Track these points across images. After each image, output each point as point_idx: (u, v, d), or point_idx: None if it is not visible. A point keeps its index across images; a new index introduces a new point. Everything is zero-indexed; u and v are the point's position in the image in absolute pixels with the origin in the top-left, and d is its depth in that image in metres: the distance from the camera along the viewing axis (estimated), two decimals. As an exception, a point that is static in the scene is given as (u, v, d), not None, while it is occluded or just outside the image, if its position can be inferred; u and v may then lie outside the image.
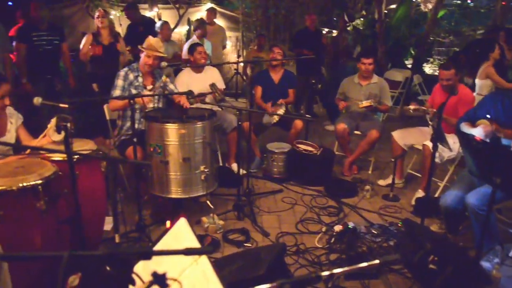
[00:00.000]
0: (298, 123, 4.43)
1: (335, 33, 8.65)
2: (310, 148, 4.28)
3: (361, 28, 9.44)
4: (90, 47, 4.69)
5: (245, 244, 3.06)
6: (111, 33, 4.83)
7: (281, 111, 4.28)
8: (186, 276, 1.10)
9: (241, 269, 2.22)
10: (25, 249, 2.15)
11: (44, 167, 2.30)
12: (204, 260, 1.10)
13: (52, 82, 4.74)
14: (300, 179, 4.22)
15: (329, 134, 5.87)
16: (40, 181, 2.17)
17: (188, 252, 0.87)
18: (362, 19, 9.53)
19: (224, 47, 7.49)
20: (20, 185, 2.12)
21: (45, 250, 2.23)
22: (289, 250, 2.93)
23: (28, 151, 2.67)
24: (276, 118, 4.31)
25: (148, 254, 0.80)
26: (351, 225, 3.13)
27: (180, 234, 1.28)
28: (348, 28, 8.51)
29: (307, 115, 5.72)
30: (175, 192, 3.21)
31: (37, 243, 2.21)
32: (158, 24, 5.72)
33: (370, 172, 4.49)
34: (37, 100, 2.39)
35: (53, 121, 2.44)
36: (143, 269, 0.99)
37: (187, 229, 1.29)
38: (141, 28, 5.57)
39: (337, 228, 3.16)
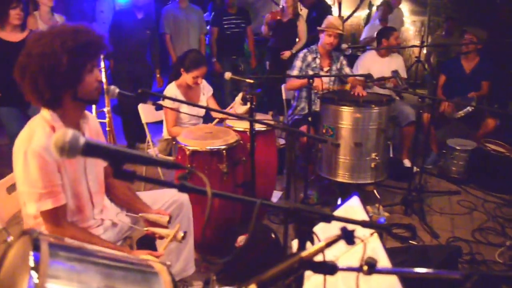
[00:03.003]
0: (490, 122, 3.87)
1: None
2: (501, 149, 3.71)
3: None
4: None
5: (410, 241, 2.87)
6: (293, 11, 4.95)
7: (468, 108, 3.80)
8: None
9: (404, 263, 2.08)
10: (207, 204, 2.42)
11: (229, 134, 2.55)
12: (375, 238, 1.06)
13: (236, 62, 5.15)
14: (484, 183, 3.71)
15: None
16: (224, 146, 2.42)
17: (365, 224, 0.84)
18: None
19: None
20: (208, 148, 2.41)
21: (222, 208, 2.48)
22: (461, 258, 2.63)
23: (217, 119, 2.99)
24: (461, 113, 3.87)
25: (329, 218, 0.80)
26: (546, 244, 2.65)
27: (352, 211, 1.26)
28: None
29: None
30: (342, 176, 3.18)
31: (217, 201, 2.47)
32: None
33: None
34: (228, 75, 2.64)
35: (240, 94, 2.66)
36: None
37: (359, 207, 1.25)
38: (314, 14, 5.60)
39: (526, 245, 2.70)
